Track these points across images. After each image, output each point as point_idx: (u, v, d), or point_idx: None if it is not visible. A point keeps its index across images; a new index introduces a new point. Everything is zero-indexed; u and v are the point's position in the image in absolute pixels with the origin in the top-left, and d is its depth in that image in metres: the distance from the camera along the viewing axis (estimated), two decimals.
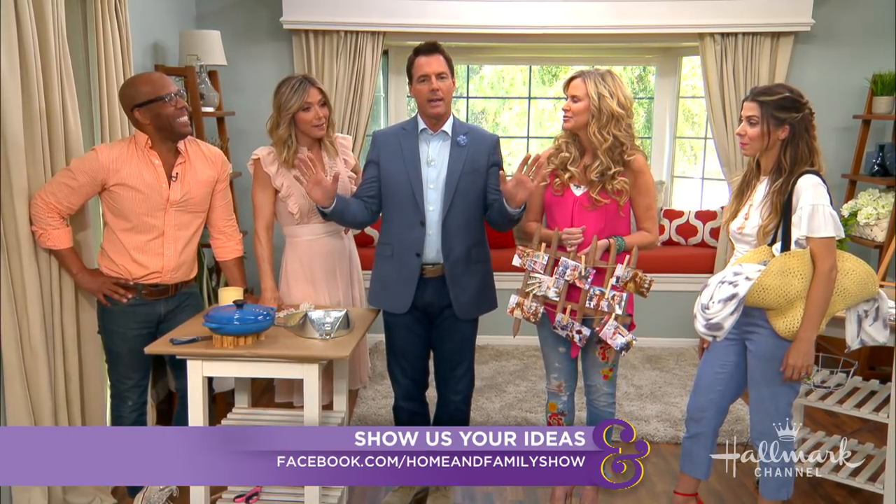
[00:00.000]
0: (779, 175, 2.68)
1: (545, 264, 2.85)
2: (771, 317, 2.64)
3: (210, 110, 4.46)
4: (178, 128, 2.86)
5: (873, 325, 2.73)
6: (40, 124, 2.84)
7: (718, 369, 2.83)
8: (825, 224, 2.57)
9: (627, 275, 2.77)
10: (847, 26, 5.05)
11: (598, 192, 2.83)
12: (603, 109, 2.77)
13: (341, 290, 3.22)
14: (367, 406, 4.21)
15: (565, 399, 3.03)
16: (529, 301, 2.88)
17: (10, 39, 2.67)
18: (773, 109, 2.65)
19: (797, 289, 2.58)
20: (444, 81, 2.89)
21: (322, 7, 4.85)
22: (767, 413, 2.72)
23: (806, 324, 2.59)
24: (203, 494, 2.73)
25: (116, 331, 2.96)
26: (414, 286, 2.96)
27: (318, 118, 3.05)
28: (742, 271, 2.61)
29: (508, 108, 6.82)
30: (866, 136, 4.96)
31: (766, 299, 2.60)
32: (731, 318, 2.60)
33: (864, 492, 3.22)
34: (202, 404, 2.69)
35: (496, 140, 3.03)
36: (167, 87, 2.84)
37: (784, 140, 2.67)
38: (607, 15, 4.97)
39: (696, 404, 2.89)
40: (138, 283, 2.93)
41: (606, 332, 2.78)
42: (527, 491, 3.40)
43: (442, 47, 2.93)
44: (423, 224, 2.94)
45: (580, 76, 2.82)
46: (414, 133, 2.98)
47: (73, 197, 2.83)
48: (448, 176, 2.93)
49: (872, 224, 4.59)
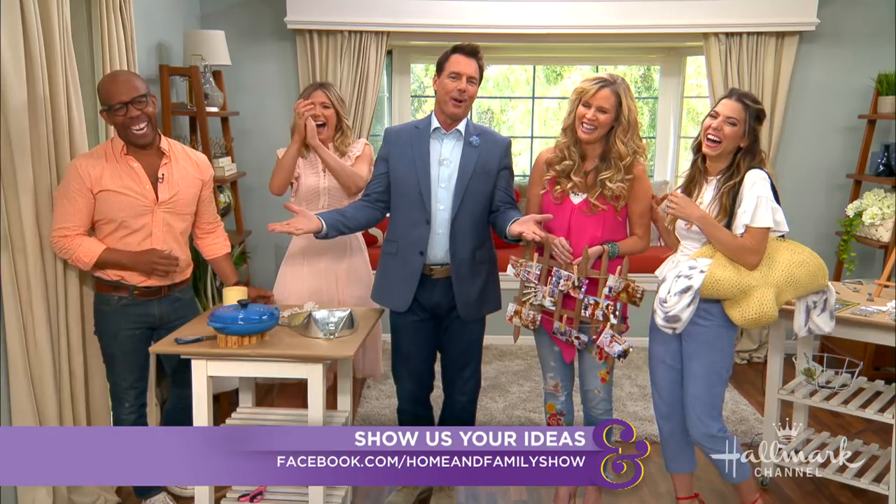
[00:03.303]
0: (730, 178, 2.73)
1: (538, 274, 2.87)
2: (727, 307, 2.73)
3: (214, 110, 4.47)
4: (133, 137, 2.80)
5: (821, 316, 2.88)
6: (45, 124, 2.85)
7: (670, 362, 2.89)
8: (765, 215, 2.66)
9: (619, 285, 2.79)
10: (852, 26, 5.03)
11: (596, 197, 2.82)
12: (631, 122, 2.77)
13: (338, 285, 3.32)
14: (371, 406, 4.22)
15: (563, 399, 3.03)
16: (527, 309, 2.91)
17: (15, 39, 2.68)
18: (752, 118, 2.71)
19: (752, 276, 2.69)
20: (472, 86, 2.91)
21: (326, 7, 4.85)
22: (703, 405, 2.79)
23: (708, 221, 2.69)
24: (207, 494, 2.74)
25: (109, 332, 2.94)
26: (415, 285, 2.96)
27: (313, 116, 3.29)
28: (697, 265, 2.70)
29: (513, 107, 6.82)
30: (871, 136, 4.94)
31: (720, 290, 2.69)
32: (688, 310, 2.68)
33: (869, 492, 3.21)
34: (206, 404, 2.70)
35: (508, 143, 3.04)
36: (119, 95, 2.74)
37: (744, 148, 2.73)
38: (612, 15, 4.96)
39: (663, 403, 2.94)
40: (130, 284, 2.91)
41: (603, 340, 2.81)
42: (530, 491, 3.40)
43: (482, 55, 2.95)
44: (428, 223, 2.94)
45: (608, 86, 2.75)
46: (426, 131, 2.99)
47: (82, 215, 2.81)
48: (459, 175, 2.94)
49: (878, 224, 4.57)
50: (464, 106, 2.92)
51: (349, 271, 3.39)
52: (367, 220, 3.06)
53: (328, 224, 2.94)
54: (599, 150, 2.82)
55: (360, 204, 3.07)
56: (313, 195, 3.34)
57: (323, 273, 3.36)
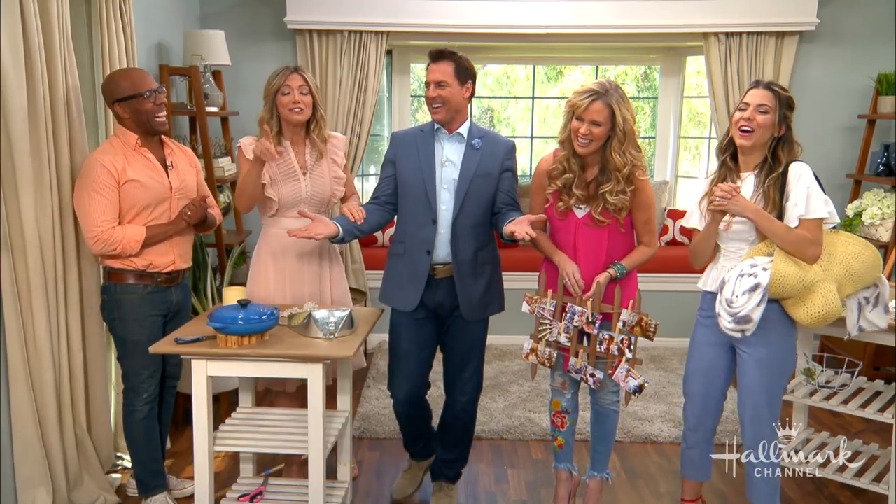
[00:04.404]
0: (772, 169, 2.66)
1: (553, 310, 2.88)
2: (789, 307, 2.62)
3: (214, 110, 4.47)
4: (156, 125, 2.96)
5: (874, 312, 2.75)
6: (45, 124, 2.85)
7: (709, 374, 2.83)
8: (819, 205, 2.59)
9: (633, 319, 2.78)
10: (852, 26, 5.03)
11: (599, 211, 2.80)
12: (626, 132, 2.72)
13: (308, 289, 3.16)
14: (371, 405, 4.22)
15: (569, 397, 3.03)
16: (543, 346, 2.92)
17: (14, 40, 2.68)
18: (784, 105, 2.64)
19: (814, 271, 2.57)
20: (443, 89, 2.89)
21: (326, 7, 4.85)
22: (763, 418, 2.72)
23: (762, 214, 2.59)
24: (207, 494, 2.73)
25: (136, 319, 2.98)
26: (423, 284, 2.97)
27: (293, 102, 3.04)
28: (758, 263, 2.59)
29: (514, 104, 6.83)
30: (871, 136, 4.94)
31: (786, 287, 2.56)
32: (759, 309, 2.55)
33: (869, 492, 3.21)
34: (206, 404, 2.69)
35: (511, 146, 3.03)
36: (146, 83, 2.92)
37: (780, 137, 2.66)
38: (612, 15, 4.97)
39: (694, 414, 2.88)
40: (155, 271, 2.99)
41: (619, 375, 2.81)
42: (530, 491, 3.40)
43: (450, 54, 2.91)
44: (434, 222, 2.95)
45: (599, 98, 2.68)
46: (430, 133, 3.01)
47: (116, 207, 2.89)
48: (461, 177, 2.94)
49: (877, 224, 4.57)
50: (441, 111, 2.91)
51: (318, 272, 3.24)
52: (377, 222, 3.06)
53: (344, 229, 2.94)
54: (599, 158, 2.80)
55: (370, 207, 3.06)
56: (294, 203, 3.13)
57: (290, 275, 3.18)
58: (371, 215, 3.03)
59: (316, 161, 3.16)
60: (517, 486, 3.44)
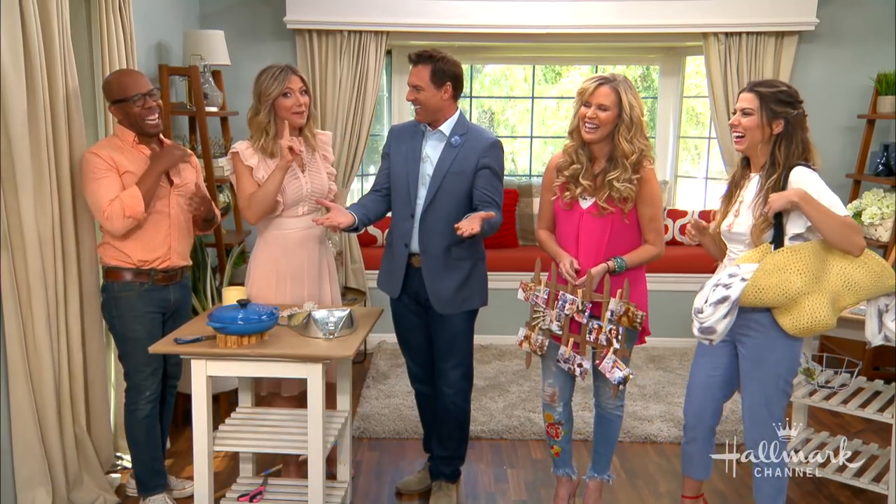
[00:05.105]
0: (772, 171, 2.62)
1: (546, 298, 2.88)
2: (776, 315, 2.59)
3: (214, 110, 4.47)
4: (146, 127, 2.96)
5: (894, 320, 2.62)
6: (45, 124, 2.85)
7: (712, 372, 2.82)
8: (838, 205, 2.53)
9: (620, 308, 2.78)
10: (851, 26, 5.04)
11: (604, 198, 2.80)
12: (634, 119, 2.74)
13: (307, 289, 3.15)
14: (371, 405, 4.22)
15: (560, 409, 3.01)
16: (535, 334, 2.93)
17: (14, 39, 2.68)
18: (771, 102, 2.60)
19: (797, 286, 2.51)
20: (418, 93, 2.95)
21: (325, 7, 4.85)
22: (762, 419, 2.72)
23: (807, 198, 2.49)
24: (207, 494, 2.73)
25: (134, 315, 2.98)
26: (402, 274, 3.08)
27: (298, 105, 3.01)
28: (738, 272, 2.55)
29: (513, 105, 6.83)
30: (871, 136, 4.94)
31: (763, 299, 2.53)
32: (725, 322, 2.52)
33: (869, 492, 3.21)
34: (206, 404, 2.69)
35: (492, 143, 3.02)
36: (137, 87, 2.91)
37: (778, 135, 2.62)
38: (611, 14, 4.97)
39: (693, 410, 2.87)
40: (151, 268, 2.98)
41: (605, 365, 2.81)
42: (530, 491, 3.40)
43: (427, 57, 2.94)
44: (412, 217, 3.03)
45: (607, 83, 2.72)
46: (419, 130, 3.08)
47: (118, 185, 2.88)
48: (434, 173, 3.00)
49: (877, 224, 4.57)
50: (420, 112, 3.00)
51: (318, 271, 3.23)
52: (380, 212, 3.16)
53: (358, 218, 3.01)
54: (606, 150, 2.80)
55: (374, 197, 3.16)
56: (295, 202, 3.11)
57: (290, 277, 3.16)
58: (374, 205, 3.14)
59: (311, 158, 3.17)
60: (517, 486, 3.44)
